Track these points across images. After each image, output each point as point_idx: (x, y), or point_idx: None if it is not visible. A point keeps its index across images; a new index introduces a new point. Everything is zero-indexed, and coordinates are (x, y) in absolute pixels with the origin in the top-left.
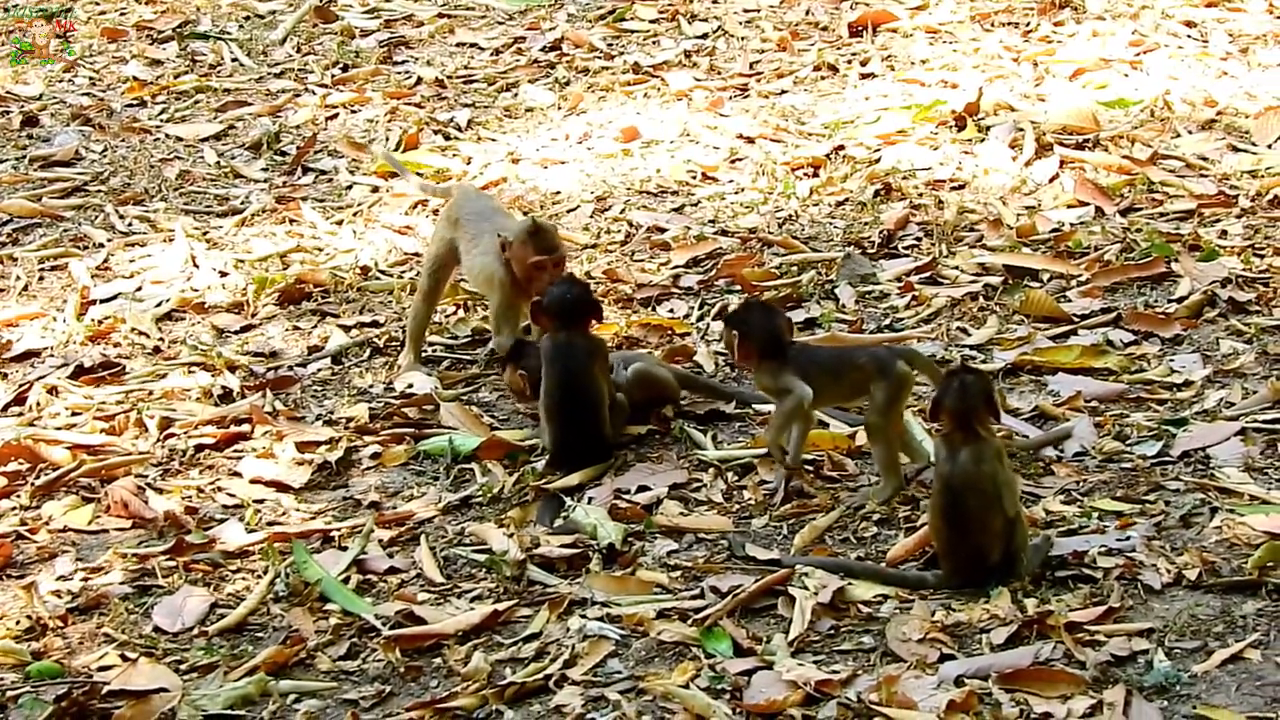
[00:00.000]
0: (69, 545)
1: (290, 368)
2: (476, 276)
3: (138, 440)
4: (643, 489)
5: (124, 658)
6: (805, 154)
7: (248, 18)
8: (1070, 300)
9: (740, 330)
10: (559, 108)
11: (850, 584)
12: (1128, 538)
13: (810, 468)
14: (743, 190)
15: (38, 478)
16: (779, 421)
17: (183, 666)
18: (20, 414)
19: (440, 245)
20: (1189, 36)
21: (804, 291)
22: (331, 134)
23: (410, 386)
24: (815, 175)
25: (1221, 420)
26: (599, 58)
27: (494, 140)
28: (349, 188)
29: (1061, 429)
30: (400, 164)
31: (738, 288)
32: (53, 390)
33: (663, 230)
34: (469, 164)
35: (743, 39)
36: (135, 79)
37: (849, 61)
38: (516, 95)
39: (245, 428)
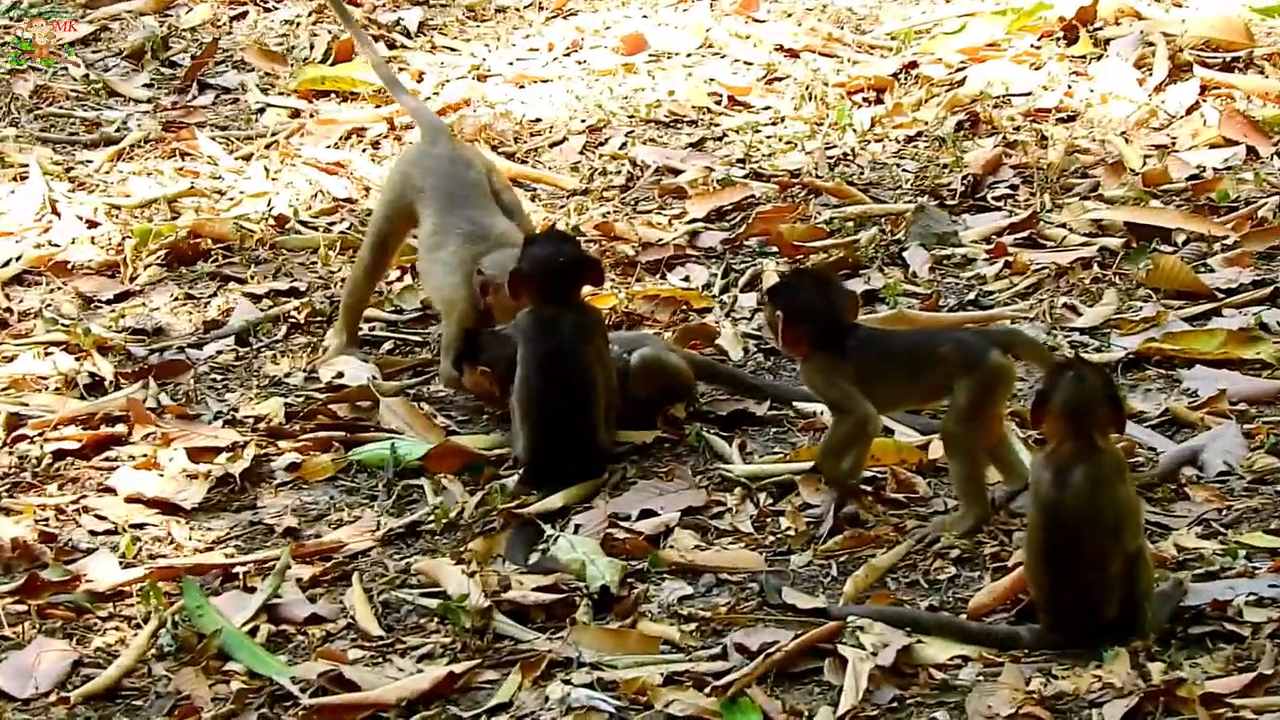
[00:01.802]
0: None
1: (181, 349)
2: (433, 293)
3: None
4: (647, 514)
5: None
6: (865, 73)
7: None
8: (1213, 270)
9: (786, 309)
10: (540, 7)
11: (919, 641)
12: None
13: (869, 488)
14: (782, 120)
15: None
16: (834, 443)
17: None
18: None
19: (391, 210)
20: None
21: (862, 255)
22: (237, 39)
23: (340, 376)
24: (879, 102)
25: None
26: None
27: (454, 50)
28: (260, 111)
29: (1186, 449)
30: (389, 73)
31: (774, 249)
32: None
33: (676, 172)
34: (420, 81)
35: None
36: None
37: None
38: None
39: (120, 428)
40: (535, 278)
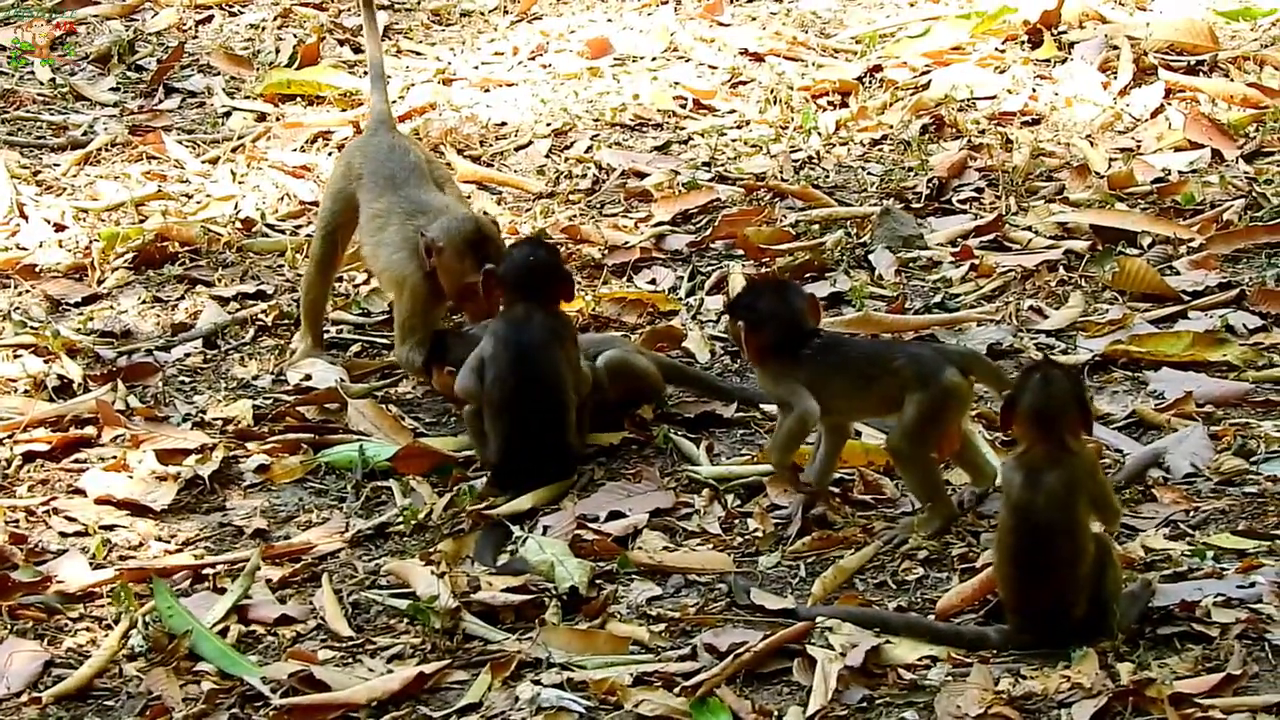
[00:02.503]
0: None
1: (149, 352)
2: (381, 274)
3: None
4: (615, 516)
5: None
6: (830, 77)
7: None
8: (1179, 273)
9: (748, 319)
10: (505, 12)
11: (888, 642)
12: (1251, 584)
13: (837, 490)
14: (747, 124)
15: None
16: (779, 438)
17: None
18: None
19: (337, 203)
20: None
21: (828, 258)
22: (203, 44)
23: (308, 378)
24: (844, 105)
25: None
26: None
27: (419, 54)
28: (226, 115)
29: (1149, 451)
30: (380, 67)
31: (740, 252)
32: None
33: (642, 175)
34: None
35: None
36: None
37: None
38: None
39: (89, 430)
40: (512, 279)
